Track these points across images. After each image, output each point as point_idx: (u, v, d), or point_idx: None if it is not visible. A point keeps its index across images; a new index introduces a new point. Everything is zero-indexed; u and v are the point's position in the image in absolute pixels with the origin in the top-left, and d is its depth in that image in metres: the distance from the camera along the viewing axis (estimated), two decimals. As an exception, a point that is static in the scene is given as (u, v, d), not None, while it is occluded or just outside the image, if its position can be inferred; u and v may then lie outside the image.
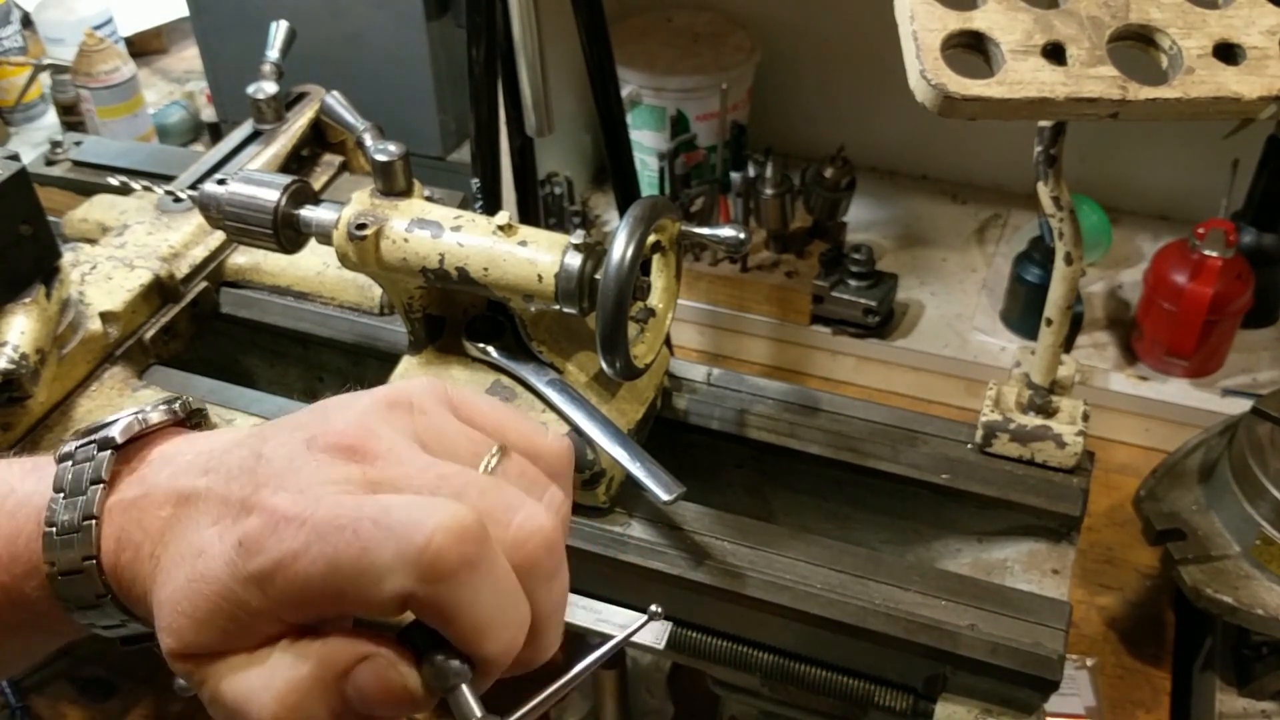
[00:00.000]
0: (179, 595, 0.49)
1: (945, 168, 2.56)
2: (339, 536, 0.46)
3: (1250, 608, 1.38)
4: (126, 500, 0.54)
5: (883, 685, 0.97)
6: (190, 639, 0.49)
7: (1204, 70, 0.79)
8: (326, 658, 0.48)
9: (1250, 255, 2.04)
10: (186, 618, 0.49)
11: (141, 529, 0.53)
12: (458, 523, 0.46)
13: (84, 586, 0.53)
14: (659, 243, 0.99)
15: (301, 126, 1.32)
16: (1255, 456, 1.45)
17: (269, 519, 0.48)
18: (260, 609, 0.48)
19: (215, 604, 0.48)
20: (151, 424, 0.57)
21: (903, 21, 0.80)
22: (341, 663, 0.48)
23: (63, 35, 2.82)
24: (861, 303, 2.19)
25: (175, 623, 0.49)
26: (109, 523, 0.53)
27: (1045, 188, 0.96)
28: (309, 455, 0.51)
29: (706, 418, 1.11)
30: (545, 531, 0.49)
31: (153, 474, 0.55)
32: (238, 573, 0.48)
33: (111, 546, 0.53)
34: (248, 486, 0.50)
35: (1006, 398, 1.07)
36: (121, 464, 0.56)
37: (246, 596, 0.48)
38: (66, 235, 1.24)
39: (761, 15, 2.46)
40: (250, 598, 0.48)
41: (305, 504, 0.48)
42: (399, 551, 0.45)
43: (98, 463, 0.55)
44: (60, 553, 0.53)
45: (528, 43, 1.67)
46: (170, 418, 0.59)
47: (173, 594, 0.50)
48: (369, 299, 1.20)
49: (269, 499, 0.49)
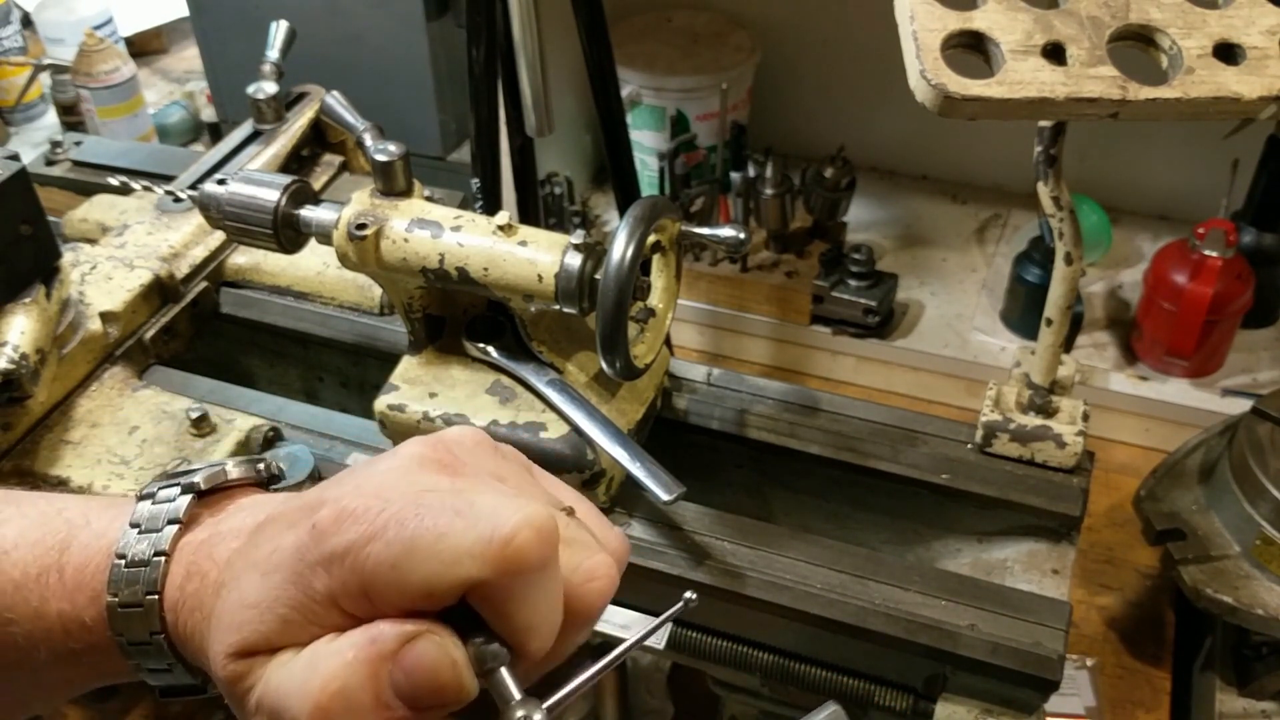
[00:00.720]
0: (246, 589, 0.50)
1: (945, 168, 2.56)
2: (418, 522, 0.47)
3: (1250, 608, 1.38)
4: (198, 540, 0.55)
5: (883, 685, 0.97)
6: (250, 630, 0.50)
7: (1204, 70, 0.79)
8: (375, 638, 0.48)
9: (1250, 255, 2.04)
10: (250, 608, 0.50)
11: (211, 559, 0.54)
12: (542, 522, 0.47)
13: (141, 622, 0.54)
14: (659, 243, 0.99)
15: (301, 126, 1.32)
16: (1255, 456, 1.45)
17: (344, 507, 0.49)
18: (324, 594, 0.48)
19: (280, 590, 0.49)
20: (233, 478, 0.59)
21: (903, 21, 0.80)
22: (389, 643, 0.48)
23: (63, 35, 2.82)
24: (861, 303, 2.19)
25: (238, 616, 0.50)
26: (178, 561, 0.55)
27: (1045, 188, 0.96)
28: (397, 464, 0.52)
29: (706, 418, 1.11)
30: (610, 579, 0.52)
31: (228, 519, 0.57)
32: (306, 555, 0.49)
33: (178, 582, 0.54)
34: (328, 489, 0.52)
35: (1006, 398, 1.07)
36: (200, 508, 0.57)
37: (313, 579, 0.48)
38: (66, 235, 1.24)
39: (761, 15, 2.46)
40: (316, 580, 0.48)
41: (387, 495, 0.49)
42: (480, 538, 0.47)
43: (177, 504, 0.56)
44: (125, 585, 0.55)
45: (528, 43, 1.67)
46: (253, 475, 0.61)
47: (239, 593, 0.51)
48: (369, 299, 1.20)
49: (348, 493, 0.50)
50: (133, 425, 1.05)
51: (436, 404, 0.99)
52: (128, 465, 1.01)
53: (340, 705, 0.47)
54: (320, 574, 0.48)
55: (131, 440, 1.04)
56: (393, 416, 1.00)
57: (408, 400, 1.00)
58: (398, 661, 0.47)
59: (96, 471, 1.01)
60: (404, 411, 0.99)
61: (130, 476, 1.00)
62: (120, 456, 1.02)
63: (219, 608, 0.52)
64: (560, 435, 0.97)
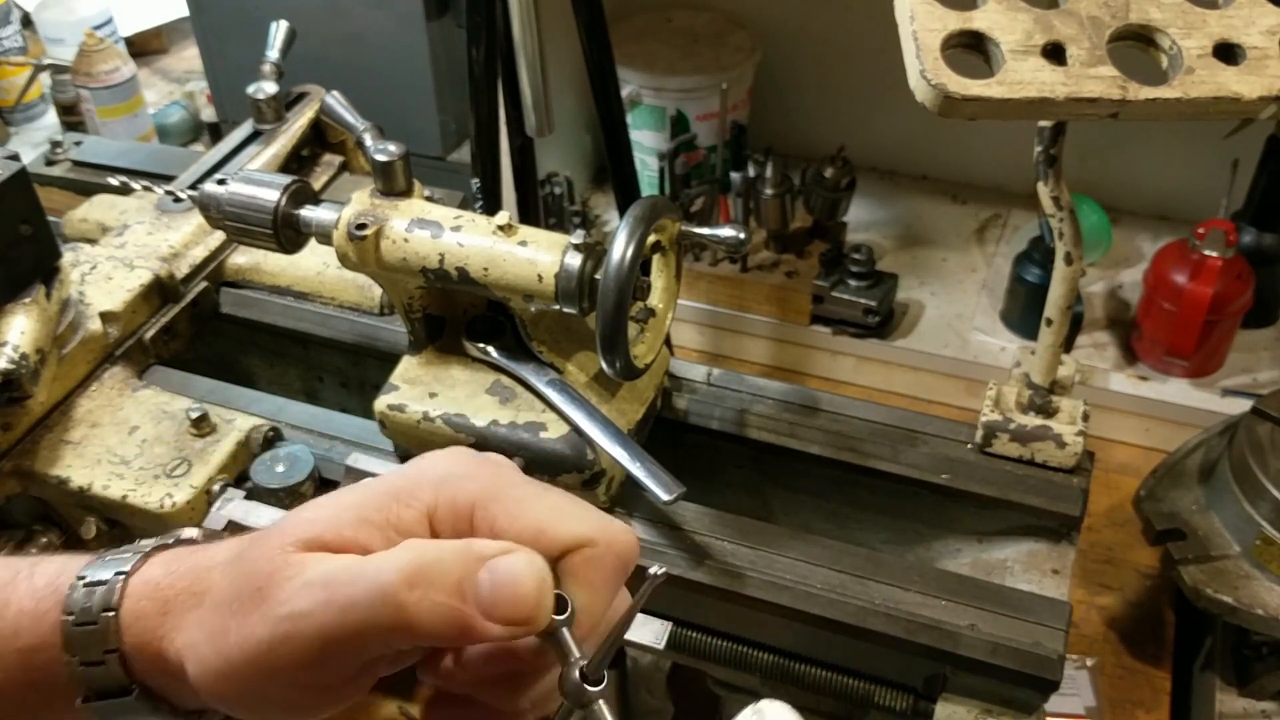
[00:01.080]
0: (324, 500, 0.53)
1: (945, 168, 2.56)
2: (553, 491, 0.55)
3: (1250, 608, 1.38)
4: (154, 575, 0.56)
5: (883, 685, 0.97)
6: (324, 524, 0.51)
7: (1204, 70, 0.79)
8: (472, 543, 0.51)
9: (1250, 255, 2.04)
10: (327, 508, 0.52)
11: (181, 574, 0.55)
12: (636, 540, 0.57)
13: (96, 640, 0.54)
14: (659, 243, 0.99)
15: (301, 126, 1.32)
16: (1255, 456, 1.45)
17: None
18: (422, 506, 0.52)
19: (371, 498, 0.52)
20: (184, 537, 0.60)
21: (903, 21, 0.80)
22: (488, 548, 0.50)
23: (63, 35, 2.82)
24: (861, 303, 2.19)
25: (309, 514, 0.52)
26: (134, 590, 0.55)
27: (1045, 188, 0.96)
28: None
29: (706, 418, 1.11)
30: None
31: (196, 552, 0.57)
32: (413, 478, 0.53)
33: (135, 602, 0.55)
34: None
35: (1006, 398, 1.07)
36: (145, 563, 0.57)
37: (417, 492, 0.52)
38: (66, 235, 1.24)
39: (761, 15, 2.46)
40: (421, 493, 0.52)
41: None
42: (599, 517, 0.54)
43: (126, 558, 0.57)
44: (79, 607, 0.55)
45: (528, 43, 1.67)
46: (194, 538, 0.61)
47: (313, 503, 0.53)
48: (369, 299, 1.20)
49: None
50: (133, 425, 1.05)
51: (436, 404, 0.99)
52: (128, 465, 1.01)
53: (423, 577, 0.48)
54: (426, 490, 0.51)
55: (131, 440, 1.04)
56: (393, 416, 1.00)
57: (408, 400, 1.00)
58: (490, 564, 0.49)
59: (96, 471, 1.01)
60: (404, 411, 0.99)
61: (130, 476, 1.00)
62: (120, 456, 1.02)
63: (281, 523, 0.52)
64: (560, 435, 0.97)
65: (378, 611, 0.48)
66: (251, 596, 0.50)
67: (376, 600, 0.48)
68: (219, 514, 0.98)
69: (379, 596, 0.48)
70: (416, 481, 0.52)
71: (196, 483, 0.99)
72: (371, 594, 0.48)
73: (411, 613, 0.48)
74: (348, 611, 0.48)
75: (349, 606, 0.48)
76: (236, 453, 1.03)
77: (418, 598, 0.48)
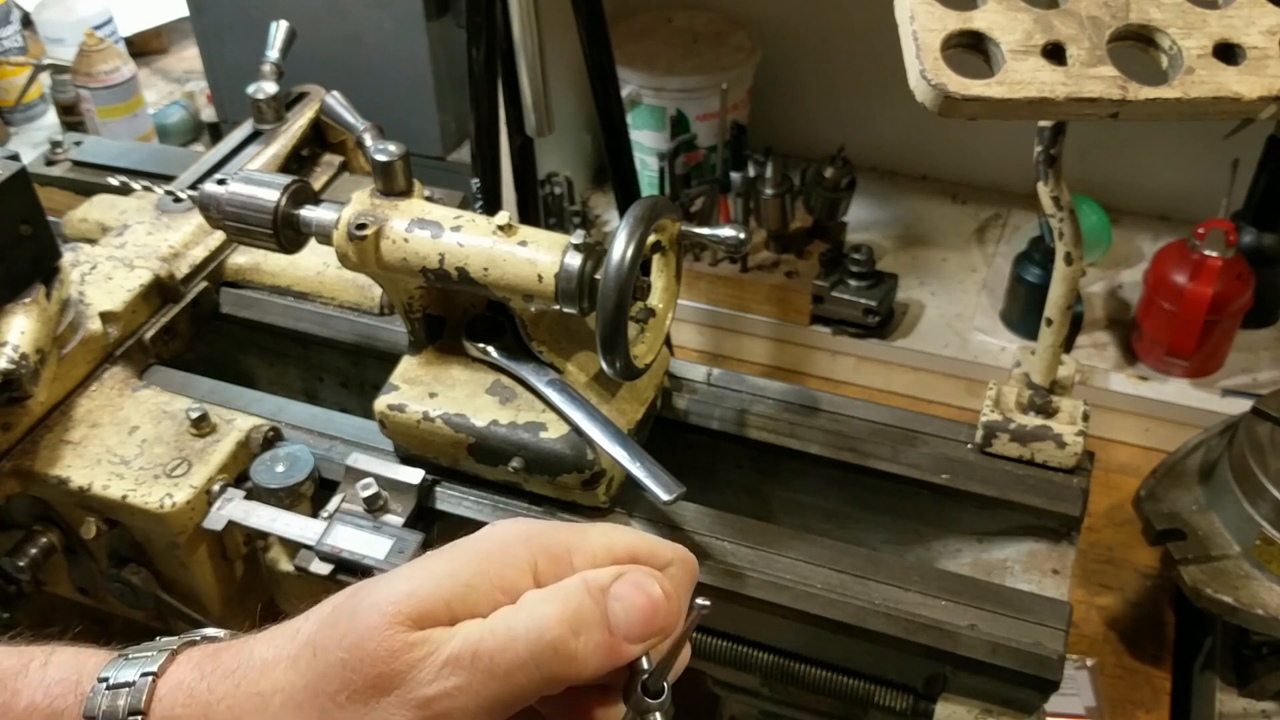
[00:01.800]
0: (414, 569, 0.53)
1: (945, 168, 2.56)
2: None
3: (1250, 608, 1.38)
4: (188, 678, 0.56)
5: (883, 685, 0.97)
6: (426, 594, 0.51)
7: (1204, 70, 0.79)
8: (586, 578, 0.53)
9: (1250, 255, 2.04)
10: (420, 580, 0.52)
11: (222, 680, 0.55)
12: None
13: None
14: (659, 243, 0.99)
15: (301, 126, 1.32)
16: (1255, 456, 1.44)
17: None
18: (525, 560, 0.53)
19: (467, 563, 0.53)
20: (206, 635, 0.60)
21: (903, 21, 0.80)
22: (604, 578, 0.53)
23: (63, 35, 2.82)
24: (861, 303, 2.19)
25: (403, 586, 0.52)
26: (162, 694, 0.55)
27: (1045, 188, 0.96)
28: None
29: (706, 418, 1.11)
30: None
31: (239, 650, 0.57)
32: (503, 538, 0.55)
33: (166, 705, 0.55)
34: None
35: (1006, 398, 1.07)
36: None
37: (515, 549, 0.54)
38: (66, 235, 1.24)
39: (761, 15, 2.46)
40: (518, 549, 0.53)
41: None
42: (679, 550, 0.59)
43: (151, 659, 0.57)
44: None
45: (528, 43, 1.66)
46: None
47: (401, 572, 0.53)
48: (369, 299, 1.20)
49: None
50: (133, 425, 1.05)
51: (436, 404, 0.99)
52: (128, 465, 1.01)
53: (581, 623, 0.51)
54: (519, 548, 0.54)
55: (131, 440, 1.04)
56: (393, 416, 1.00)
57: (408, 400, 1.00)
58: (612, 593, 0.53)
59: (96, 471, 1.01)
60: (404, 411, 0.99)
61: (130, 476, 1.00)
62: (120, 456, 1.02)
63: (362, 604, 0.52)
64: (560, 435, 0.97)
65: (549, 666, 0.51)
66: (371, 684, 0.50)
67: (548, 657, 0.50)
68: (219, 514, 0.99)
69: (550, 652, 0.50)
70: (503, 544, 0.54)
71: (196, 483, 0.99)
72: (539, 652, 0.50)
73: (581, 658, 0.51)
74: (513, 675, 0.50)
75: (514, 669, 0.50)
76: (236, 453, 1.03)
77: (583, 642, 0.51)
